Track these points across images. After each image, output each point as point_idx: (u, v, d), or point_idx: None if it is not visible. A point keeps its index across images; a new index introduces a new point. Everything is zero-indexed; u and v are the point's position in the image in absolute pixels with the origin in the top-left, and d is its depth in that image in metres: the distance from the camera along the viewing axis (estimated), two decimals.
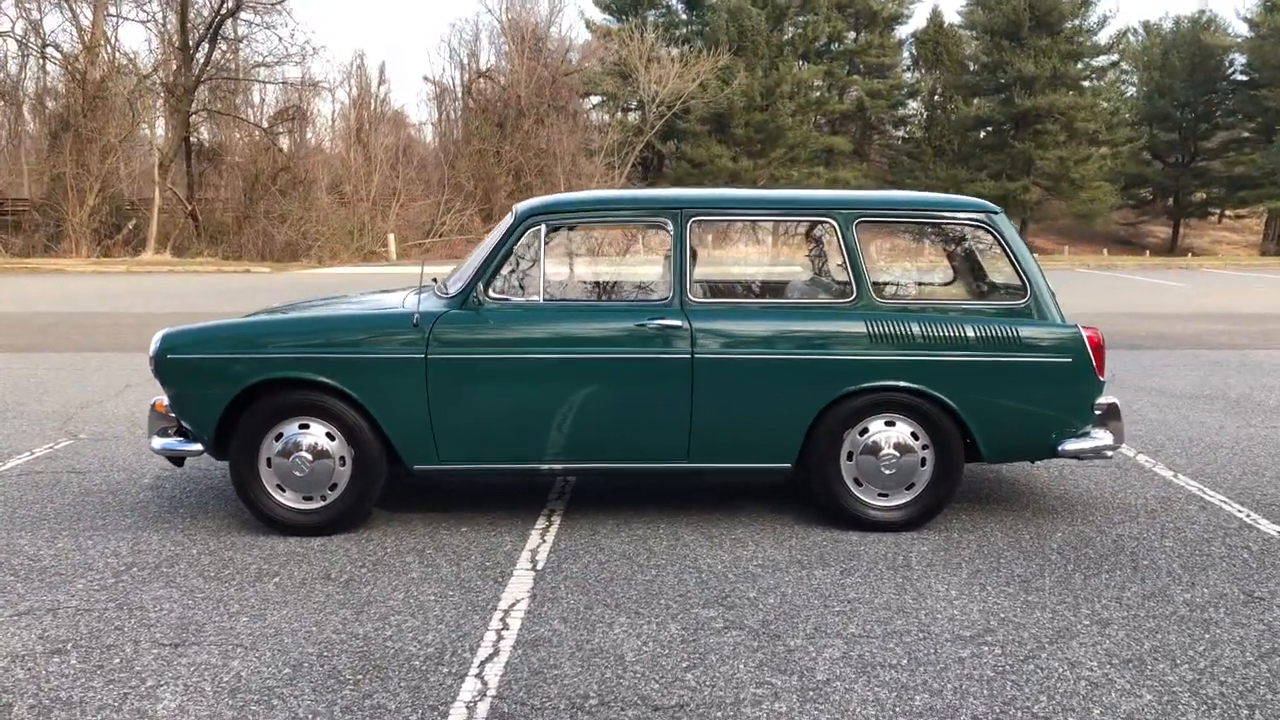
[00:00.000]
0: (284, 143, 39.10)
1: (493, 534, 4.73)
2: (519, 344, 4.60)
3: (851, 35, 52.45)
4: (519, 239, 4.69)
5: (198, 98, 37.92)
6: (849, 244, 4.64)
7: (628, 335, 4.57)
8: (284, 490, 4.73)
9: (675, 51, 43.01)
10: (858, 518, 4.68)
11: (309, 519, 4.73)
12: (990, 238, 4.78)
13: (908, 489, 4.68)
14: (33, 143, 40.40)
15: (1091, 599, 3.94)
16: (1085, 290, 21.53)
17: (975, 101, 50.06)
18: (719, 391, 4.57)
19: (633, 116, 44.56)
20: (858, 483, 4.68)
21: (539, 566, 4.31)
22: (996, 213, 4.78)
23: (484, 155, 36.57)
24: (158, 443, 4.81)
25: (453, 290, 4.77)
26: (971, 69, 50.46)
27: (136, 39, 75.89)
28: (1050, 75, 46.42)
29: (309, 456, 4.66)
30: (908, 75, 54.04)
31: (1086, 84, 49.27)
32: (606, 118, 46.34)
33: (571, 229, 4.86)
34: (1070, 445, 4.66)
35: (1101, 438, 4.71)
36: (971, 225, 4.84)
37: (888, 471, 4.63)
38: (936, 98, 51.76)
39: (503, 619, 3.77)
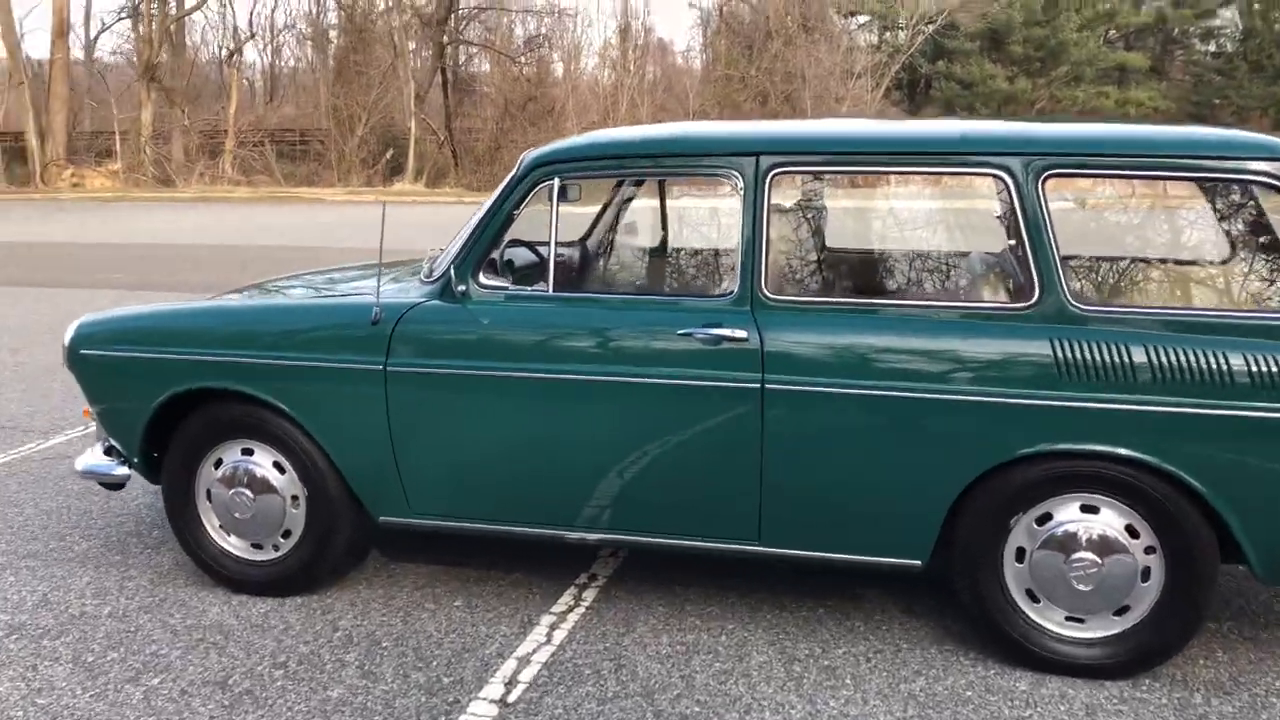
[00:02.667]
0: (534, 71, 38.99)
1: (488, 618, 3.34)
2: (512, 354, 3.12)
3: None
4: (522, 200, 3.19)
5: (451, 28, 38.27)
6: (1030, 210, 2.81)
7: (666, 350, 2.99)
8: (228, 534, 3.54)
9: None
10: (1031, 652, 2.93)
11: (260, 574, 3.53)
12: None
13: (1117, 614, 2.87)
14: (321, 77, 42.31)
15: None
16: None
17: None
18: (804, 444, 2.93)
19: (902, 36, 41.23)
20: (1033, 598, 2.92)
21: (510, 697, 2.88)
22: None
23: (730, 80, 34.74)
24: (81, 462, 3.72)
25: (436, 273, 3.35)
26: None
27: None
28: None
29: (249, 493, 3.44)
30: None
31: None
32: (873, 38, 43.20)
33: (598, 184, 3.31)
34: None
35: None
36: (1251, 181, 2.85)
37: (1083, 586, 2.84)
38: (1255, 6, 44.81)
39: None
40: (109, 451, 3.68)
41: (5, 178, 36.46)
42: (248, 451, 3.46)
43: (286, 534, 3.48)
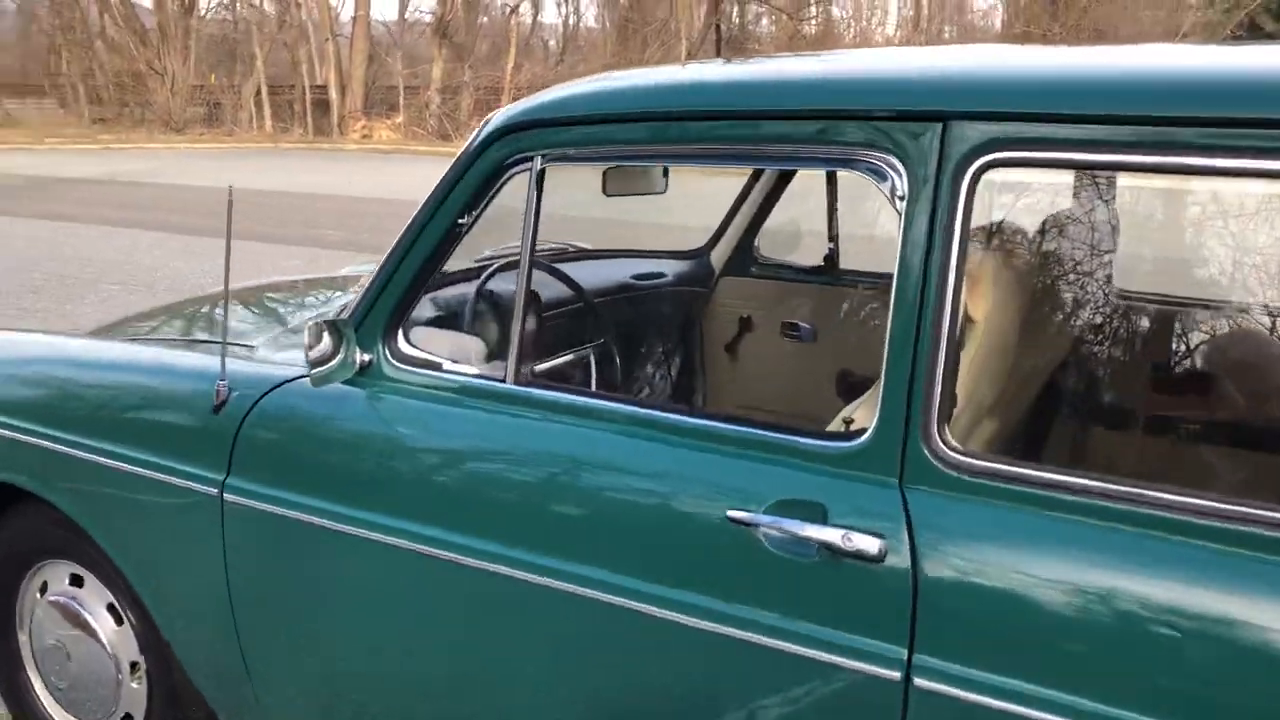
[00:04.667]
0: (818, 28, 36.95)
1: None
2: (429, 503, 1.57)
3: None
4: (478, 195, 1.61)
5: None
6: None
7: (691, 553, 1.34)
8: (56, 703, 2.24)
9: None
10: None
11: None
12: None
13: None
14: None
15: None
16: None
17: None
18: None
19: None
20: None
21: None
22: None
23: (1029, 39, 31.30)
24: None
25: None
26: None
27: None
28: None
29: (64, 648, 2.10)
30: None
31: None
32: None
33: (610, 169, 1.65)
34: None
35: None
36: None
37: None
38: None
39: None
40: None
41: (312, 129, 38.58)
42: (76, 581, 2.12)
43: (127, 718, 2.12)
